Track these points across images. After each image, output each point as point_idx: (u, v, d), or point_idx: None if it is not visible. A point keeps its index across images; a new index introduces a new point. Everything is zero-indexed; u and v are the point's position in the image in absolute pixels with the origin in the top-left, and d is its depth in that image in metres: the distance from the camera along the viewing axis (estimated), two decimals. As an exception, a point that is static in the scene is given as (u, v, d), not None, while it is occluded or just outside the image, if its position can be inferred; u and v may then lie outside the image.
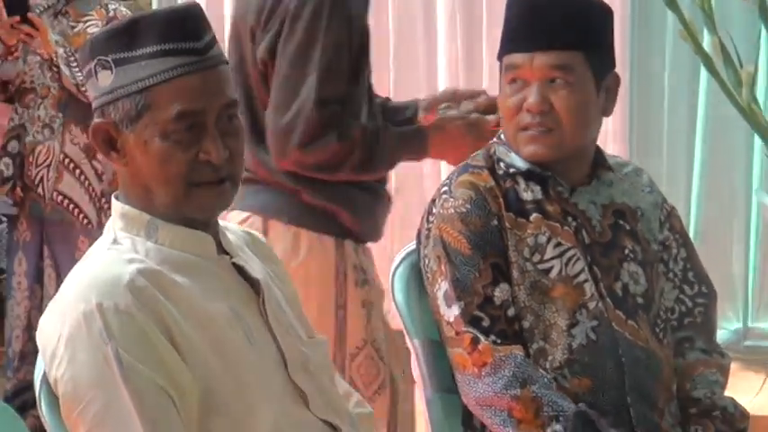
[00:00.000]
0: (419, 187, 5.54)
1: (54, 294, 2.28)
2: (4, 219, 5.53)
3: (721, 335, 4.99)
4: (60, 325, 2.16)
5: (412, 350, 2.83)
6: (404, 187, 5.89)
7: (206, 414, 2.16)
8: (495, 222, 2.75)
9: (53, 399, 2.22)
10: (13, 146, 5.01)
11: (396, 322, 3.02)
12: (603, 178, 2.88)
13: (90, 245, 2.37)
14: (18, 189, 4.99)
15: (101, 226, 4.46)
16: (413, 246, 2.92)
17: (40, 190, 4.94)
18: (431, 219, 2.82)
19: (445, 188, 2.82)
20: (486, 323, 2.70)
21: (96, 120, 2.26)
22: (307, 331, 2.43)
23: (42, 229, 5.05)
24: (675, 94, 5.57)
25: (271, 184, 3.28)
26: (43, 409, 2.27)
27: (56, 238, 5.03)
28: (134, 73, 2.19)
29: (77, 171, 4.93)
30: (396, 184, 5.93)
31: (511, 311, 2.72)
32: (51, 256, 5.03)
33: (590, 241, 2.80)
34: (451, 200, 2.78)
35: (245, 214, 3.24)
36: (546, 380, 2.66)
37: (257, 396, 2.22)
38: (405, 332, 2.86)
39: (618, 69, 2.89)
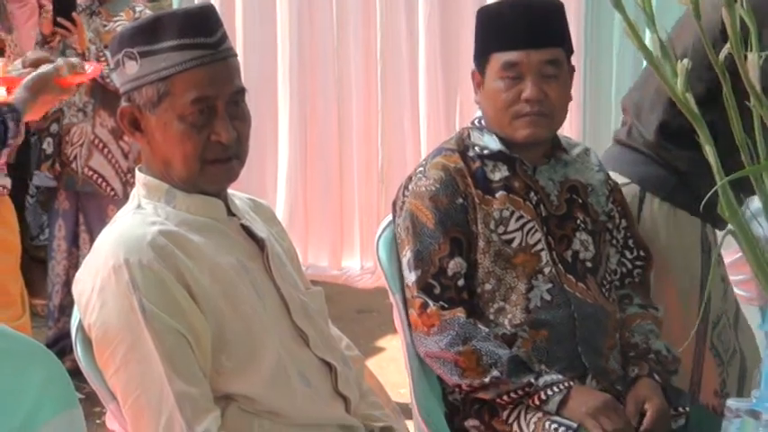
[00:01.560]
0: (403, 168, 5.55)
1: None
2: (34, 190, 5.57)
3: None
4: (93, 278, 2.19)
5: (393, 303, 2.84)
6: (390, 168, 5.96)
7: (218, 352, 2.19)
8: (461, 200, 2.76)
9: (87, 343, 2.24)
10: (54, 128, 5.03)
11: (382, 280, 3.02)
12: (560, 158, 2.90)
13: (118, 212, 2.39)
14: (56, 165, 5.02)
15: (126, 197, 4.51)
16: (392, 216, 2.94)
17: (74, 165, 4.96)
18: (406, 193, 2.83)
19: (421, 168, 2.83)
20: (437, 291, 2.73)
21: (123, 103, 2.27)
22: (304, 283, 2.45)
23: (77, 199, 5.08)
24: (622, 81, 5.57)
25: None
26: (79, 351, 2.28)
27: (89, 208, 5.05)
28: (156, 64, 2.20)
29: (106, 150, 4.94)
30: (381, 165, 6.02)
31: (461, 282, 2.74)
32: (85, 222, 5.05)
33: (547, 214, 2.82)
34: (424, 179, 2.79)
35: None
36: (485, 333, 2.69)
37: (262, 336, 2.24)
38: (387, 287, 2.88)
39: (575, 60, 2.92)
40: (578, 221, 2.86)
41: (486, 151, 2.82)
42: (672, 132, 3.04)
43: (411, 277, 2.75)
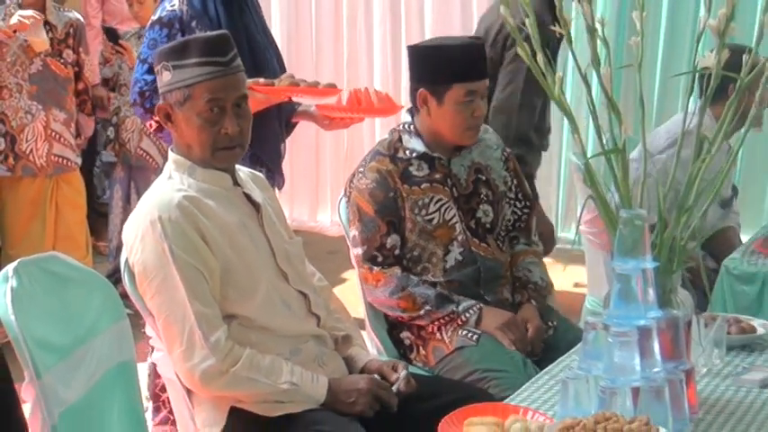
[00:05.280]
0: (361, 150, 5.54)
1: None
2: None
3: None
4: (136, 228, 2.17)
5: (350, 247, 2.81)
6: (352, 150, 5.99)
7: (225, 285, 2.17)
8: (393, 194, 2.69)
9: (131, 275, 2.21)
10: (114, 119, 4.97)
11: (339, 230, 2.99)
12: (466, 147, 2.81)
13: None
14: (116, 146, 4.96)
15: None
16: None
17: (128, 146, 4.90)
18: (351, 186, 2.76)
19: (361, 169, 2.75)
20: (379, 259, 2.69)
21: (160, 102, 2.25)
22: (288, 234, 2.41)
23: (131, 171, 5.02)
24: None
25: None
26: (126, 281, 2.25)
27: (138, 177, 4.99)
28: (183, 74, 2.17)
29: (152, 135, 4.89)
30: (346, 147, 6.05)
31: (397, 252, 2.69)
32: (135, 187, 5.00)
33: (458, 194, 2.75)
34: (364, 178, 2.72)
35: None
36: (416, 281, 2.67)
37: (256, 274, 2.22)
38: (346, 237, 2.84)
39: None
40: (482, 195, 2.79)
41: (414, 153, 2.74)
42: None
43: (358, 251, 2.71)
